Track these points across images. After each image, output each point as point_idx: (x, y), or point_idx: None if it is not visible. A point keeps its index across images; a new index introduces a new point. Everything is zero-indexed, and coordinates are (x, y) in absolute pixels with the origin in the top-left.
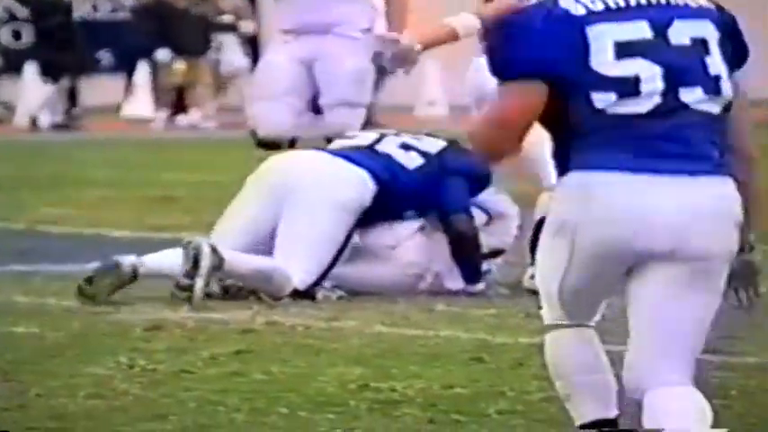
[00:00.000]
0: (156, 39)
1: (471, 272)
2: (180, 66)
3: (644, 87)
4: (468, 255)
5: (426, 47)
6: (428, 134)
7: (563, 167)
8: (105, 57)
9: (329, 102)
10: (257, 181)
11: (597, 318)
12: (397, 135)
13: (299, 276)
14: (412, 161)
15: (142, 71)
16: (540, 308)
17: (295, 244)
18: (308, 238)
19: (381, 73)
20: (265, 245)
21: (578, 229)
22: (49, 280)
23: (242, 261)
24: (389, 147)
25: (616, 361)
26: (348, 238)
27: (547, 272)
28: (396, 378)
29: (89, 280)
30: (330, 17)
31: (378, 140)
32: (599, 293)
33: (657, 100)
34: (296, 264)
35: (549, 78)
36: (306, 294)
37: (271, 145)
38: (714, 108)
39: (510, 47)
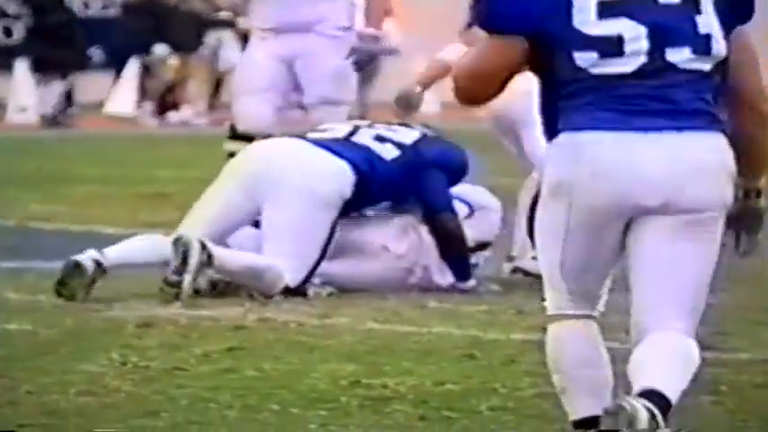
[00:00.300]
0: (147, 35)
1: (461, 269)
2: (173, 62)
3: (627, 47)
4: (456, 252)
5: (426, 87)
6: (401, 124)
7: (553, 129)
8: (96, 53)
9: (311, 100)
10: (235, 170)
11: (601, 303)
12: (370, 127)
13: (290, 274)
14: (388, 152)
15: (131, 68)
16: (542, 299)
17: (281, 242)
18: (293, 235)
19: (359, 68)
20: (232, 233)
21: (573, 188)
22: (41, 277)
23: (232, 258)
24: (365, 138)
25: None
26: (332, 231)
27: (548, 242)
28: (387, 375)
29: (61, 283)
30: (310, 15)
31: (353, 132)
32: (600, 261)
33: (643, 60)
34: (285, 261)
35: (530, 34)
36: (297, 291)
37: (243, 138)
38: (705, 66)
39: (494, 1)
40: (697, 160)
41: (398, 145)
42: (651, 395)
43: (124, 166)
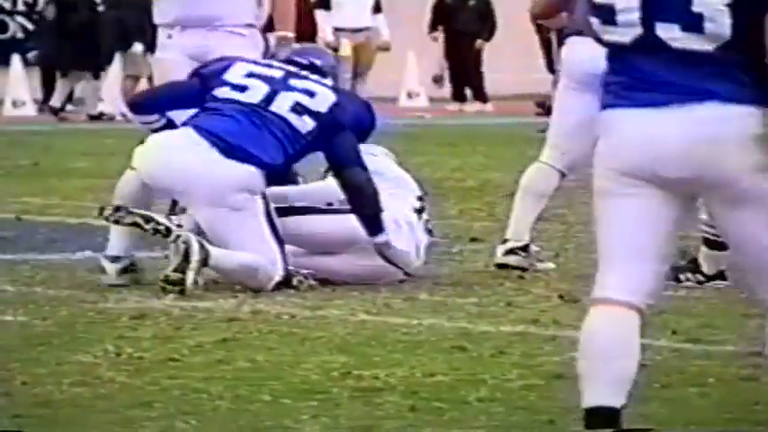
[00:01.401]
0: (129, 33)
1: (372, 224)
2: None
3: (619, 17)
4: (367, 207)
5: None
6: (316, 72)
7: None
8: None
9: None
10: (142, 172)
11: (650, 294)
12: (290, 89)
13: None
14: (305, 125)
15: (115, 67)
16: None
17: (232, 248)
18: (243, 241)
19: None
20: None
21: (609, 160)
22: (36, 269)
23: (227, 256)
24: (282, 107)
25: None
26: (269, 214)
27: (598, 221)
28: (378, 366)
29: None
30: (213, 11)
31: (270, 97)
32: (645, 244)
33: (638, 31)
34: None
35: None
36: (287, 284)
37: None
38: (704, 46)
39: None
40: (707, 133)
41: (315, 115)
42: None
43: (115, 158)
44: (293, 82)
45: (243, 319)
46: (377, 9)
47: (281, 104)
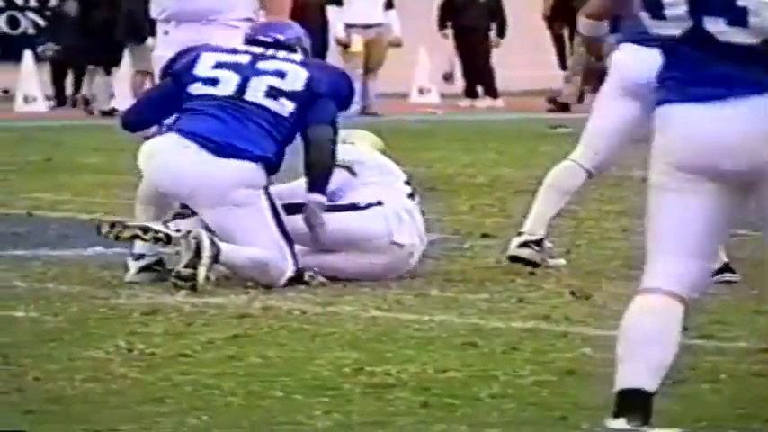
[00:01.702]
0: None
1: (320, 182)
2: None
3: (667, 11)
4: (320, 164)
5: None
6: (289, 47)
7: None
8: None
9: None
10: (148, 179)
11: (695, 285)
12: (259, 73)
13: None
14: (284, 108)
15: (126, 61)
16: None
17: (249, 245)
18: (250, 237)
19: None
20: None
21: (666, 155)
22: (47, 265)
23: (237, 251)
24: (257, 95)
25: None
26: (275, 209)
27: (649, 212)
28: (390, 362)
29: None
30: (207, 5)
31: (243, 87)
32: (698, 231)
33: (688, 24)
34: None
35: None
36: (297, 278)
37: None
38: (749, 39)
39: None
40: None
41: (292, 95)
42: None
43: (125, 154)
44: (261, 65)
45: (254, 315)
46: (389, 5)
47: (255, 92)
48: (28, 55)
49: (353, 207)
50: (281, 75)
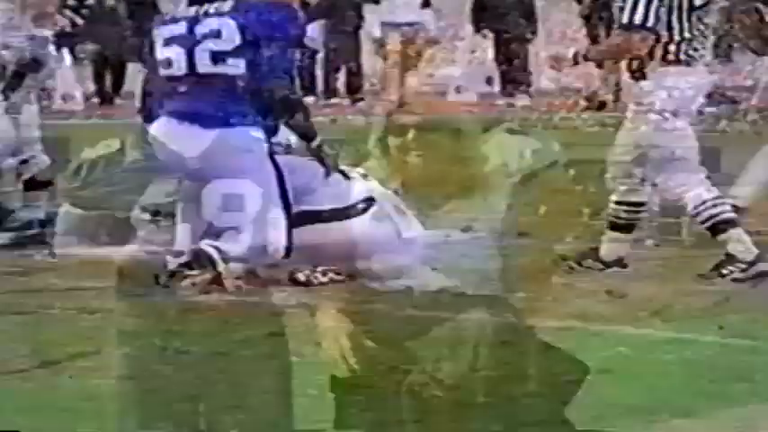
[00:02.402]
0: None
1: (305, 132)
2: None
3: None
4: (295, 125)
5: None
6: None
7: None
8: None
9: None
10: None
11: None
12: (198, 41)
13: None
14: (236, 68)
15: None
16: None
17: (252, 213)
18: (255, 205)
19: None
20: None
21: None
22: (83, 262)
23: (235, 244)
24: (206, 64)
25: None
26: (282, 180)
27: None
28: (425, 361)
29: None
30: None
31: (191, 59)
32: None
33: None
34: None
35: None
36: (306, 283)
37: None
38: None
39: None
40: None
41: (235, 52)
42: None
43: None
44: (198, 29)
45: (290, 312)
46: (425, 3)
47: (203, 63)
48: (65, 53)
49: (352, 210)
50: (218, 34)
